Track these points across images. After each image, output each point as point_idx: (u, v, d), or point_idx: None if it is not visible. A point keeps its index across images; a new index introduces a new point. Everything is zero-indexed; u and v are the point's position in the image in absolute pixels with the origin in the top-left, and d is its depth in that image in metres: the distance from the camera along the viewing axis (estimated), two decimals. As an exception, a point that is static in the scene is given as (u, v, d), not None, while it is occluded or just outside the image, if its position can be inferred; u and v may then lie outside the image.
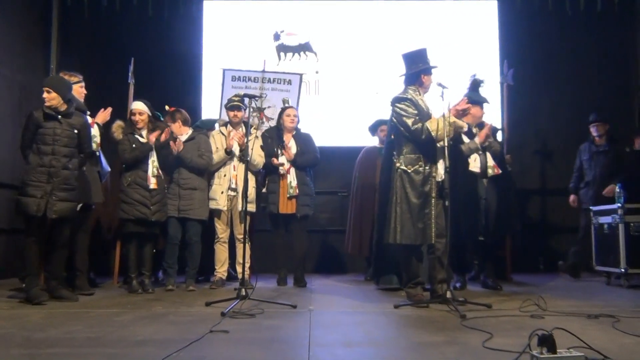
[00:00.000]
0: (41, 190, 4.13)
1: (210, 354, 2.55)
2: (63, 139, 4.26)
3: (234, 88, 6.11)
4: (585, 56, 7.53)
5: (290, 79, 6.37)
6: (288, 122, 5.58)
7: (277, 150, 5.50)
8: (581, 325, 3.20)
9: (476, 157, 5.16)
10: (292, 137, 5.61)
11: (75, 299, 4.35)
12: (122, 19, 7.35)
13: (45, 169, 4.17)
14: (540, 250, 7.21)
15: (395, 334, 3.15)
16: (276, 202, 5.43)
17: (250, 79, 6.32)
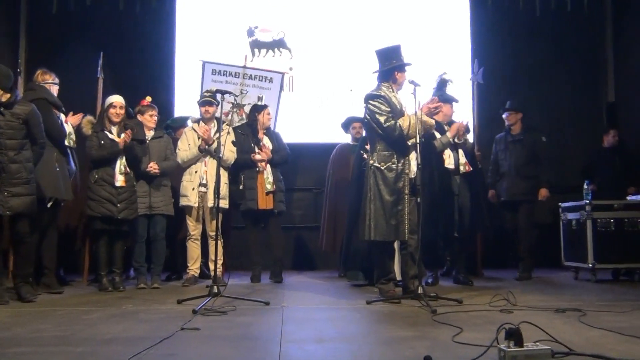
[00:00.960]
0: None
1: (181, 352, 2.53)
2: (7, 131, 4.04)
3: (214, 82, 6.07)
4: (555, 55, 7.66)
5: (271, 77, 6.38)
6: (266, 120, 5.61)
7: (254, 147, 5.48)
8: (548, 319, 3.26)
9: (450, 153, 5.22)
10: (264, 135, 5.61)
11: (31, 299, 4.14)
12: (92, 13, 7.22)
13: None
14: (510, 245, 7.30)
15: (367, 329, 3.17)
16: (255, 197, 5.40)
17: (231, 74, 6.28)
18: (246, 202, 5.42)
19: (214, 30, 7.36)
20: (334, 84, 7.28)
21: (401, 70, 4.35)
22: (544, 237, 7.10)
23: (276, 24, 7.43)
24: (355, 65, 7.17)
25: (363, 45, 7.25)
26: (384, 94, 4.27)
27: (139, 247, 5.09)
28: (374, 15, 7.46)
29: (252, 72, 6.35)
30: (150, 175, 5.07)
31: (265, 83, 6.35)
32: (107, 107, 4.92)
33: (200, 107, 5.41)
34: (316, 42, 7.40)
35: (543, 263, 7.11)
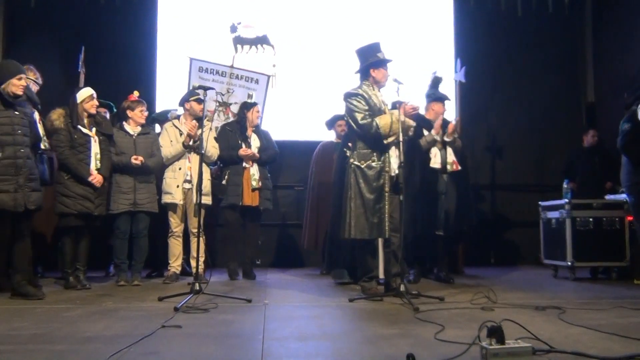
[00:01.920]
0: (13, 184, 3.98)
1: (162, 350, 2.51)
2: (22, 128, 4.10)
3: (201, 79, 6.06)
4: (536, 55, 7.74)
5: (257, 78, 6.43)
6: (255, 118, 5.58)
7: (242, 144, 5.45)
8: (529, 316, 3.29)
9: (437, 152, 5.24)
10: (253, 132, 5.58)
11: (41, 295, 4.10)
12: (72, 6, 7.11)
13: (11, 161, 3.99)
14: (491, 244, 7.39)
15: (350, 327, 3.17)
16: (240, 194, 5.36)
17: (218, 73, 6.29)
18: (228, 198, 5.38)
19: (197, 25, 7.27)
20: (317, 81, 7.26)
21: (376, 67, 4.34)
22: (524, 235, 7.21)
23: (259, 20, 7.39)
24: (339, 62, 7.16)
25: (346, 43, 7.22)
26: (362, 92, 4.29)
27: (121, 243, 5.03)
28: (357, 13, 7.46)
29: (239, 72, 6.37)
30: (135, 169, 5.00)
31: (251, 84, 6.39)
32: (85, 100, 4.76)
33: (187, 103, 5.36)
34: (299, 39, 7.37)
35: (523, 261, 7.23)
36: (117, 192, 5.00)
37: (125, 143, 5.06)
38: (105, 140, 4.88)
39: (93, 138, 4.77)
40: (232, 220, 5.51)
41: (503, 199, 7.59)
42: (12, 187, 3.98)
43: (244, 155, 5.39)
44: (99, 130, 4.83)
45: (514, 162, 7.58)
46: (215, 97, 5.70)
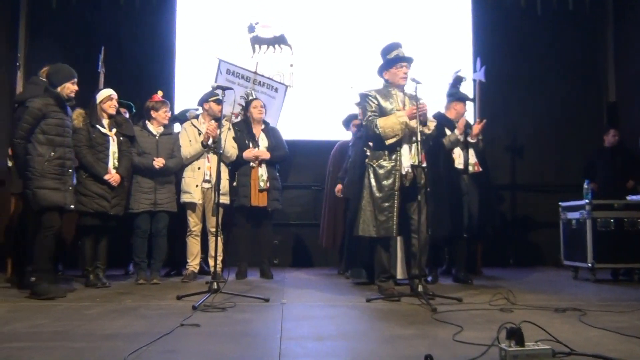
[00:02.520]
0: (63, 182, 4.12)
1: (181, 348, 2.53)
2: (70, 131, 4.30)
3: (227, 81, 6.15)
4: (556, 53, 7.65)
5: (277, 87, 6.54)
6: (256, 114, 5.54)
7: (249, 143, 5.46)
8: (549, 318, 3.25)
9: (460, 153, 5.20)
10: (262, 131, 5.58)
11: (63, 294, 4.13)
12: (93, 8, 7.21)
13: (61, 161, 4.14)
14: (510, 244, 7.32)
15: (367, 327, 3.16)
16: (248, 195, 5.37)
17: (243, 77, 6.39)
18: (239, 199, 5.39)
19: (215, 25, 7.34)
20: (335, 80, 7.26)
21: (386, 67, 4.35)
22: (544, 236, 7.14)
23: (277, 20, 7.41)
24: (357, 62, 7.17)
25: (364, 42, 7.25)
26: (373, 93, 4.30)
27: (141, 242, 5.08)
28: (375, 12, 7.44)
29: (261, 79, 6.47)
30: (155, 170, 5.05)
31: (272, 92, 6.50)
32: (104, 100, 4.84)
33: (206, 103, 5.40)
34: (317, 38, 7.38)
35: (542, 262, 7.15)
36: (138, 192, 5.05)
37: (148, 143, 5.11)
38: (126, 141, 4.93)
39: (112, 138, 4.83)
40: (242, 221, 5.52)
41: (522, 199, 7.51)
42: (61, 185, 4.12)
43: (247, 157, 5.39)
44: (120, 131, 4.88)
45: (534, 162, 7.50)
46: (239, 100, 5.75)
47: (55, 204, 4.08)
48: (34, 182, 4.05)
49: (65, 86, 4.21)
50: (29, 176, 4.07)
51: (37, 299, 3.96)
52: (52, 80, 4.22)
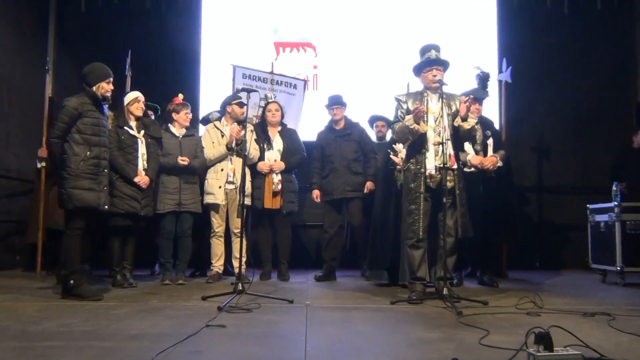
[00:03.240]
0: (98, 183, 4.14)
1: (207, 349, 2.55)
2: (106, 131, 4.31)
3: (245, 85, 6.11)
4: (583, 53, 7.53)
5: (295, 83, 6.53)
6: (270, 117, 5.56)
7: (264, 146, 5.48)
8: (577, 323, 3.20)
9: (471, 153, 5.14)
10: (277, 133, 5.58)
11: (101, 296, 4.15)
12: (119, 12, 7.33)
13: (96, 161, 4.15)
14: (536, 247, 7.23)
15: (392, 330, 3.15)
16: (261, 197, 5.39)
17: (260, 79, 6.41)
18: (253, 201, 5.41)
19: (240, 29, 7.39)
20: (358, 81, 7.26)
21: (416, 72, 4.35)
22: (571, 239, 7.03)
23: (301, 22, 7.43)
24: (380, 63, 7.17)
25: (388, 43, 7.24)
26: (404, 98, 4.33)
27: (166, 243, 5.14)
28: (399, 13, 7.41)
29: (278, 78, 6.48)
30: (181, 169, 5.11)
31: (290, 89, 6.49)
32: (131, 102, 4.93)
33: (228, 106, 5.44)
34: (340, 40, 7.39)
35: (569, 265, 7.04)
36: (163, 193, 5.11)
37: (171, 144, 5.18)
38: (154, 142, 5.00)
39: (140, 140, 4.90)
40: (260, 222, 5.55)
41: (549, 201, 7.41)
42: (96, 185, 4.13)
43: (261, 169, 5.40)
44: (147, 133, 4.95)
45: (561, 163, 7.39)
46: (259, 102, 5.77)
47: (89, 204, 4.08)
48: (68, 182, 4.04)
49: (100, 85, 4.20)
50: (64, 176, 4.05)
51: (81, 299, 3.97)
52: (88, 79, 4.21)
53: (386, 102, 6.12)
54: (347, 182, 5.50)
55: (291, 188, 5.53)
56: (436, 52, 4.29)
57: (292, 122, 6.05)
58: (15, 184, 6.54)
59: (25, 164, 6.52)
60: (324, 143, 5.66)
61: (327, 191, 5.57)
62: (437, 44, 4.38)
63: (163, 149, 5.12)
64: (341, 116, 5.69)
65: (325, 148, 5.64)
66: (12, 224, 6.46)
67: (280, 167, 5.43)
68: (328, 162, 5.60)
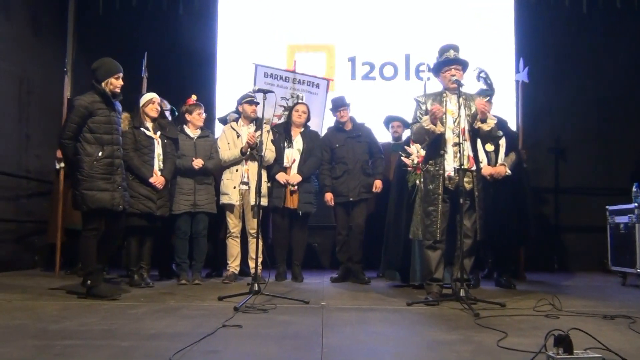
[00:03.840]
0: (112, 182, 4.09)
1: (224, 349, 2.56)
2: (119, 128, 4.24)
3: (266, 84, 6.10)
4: (602, 53, 7.43)
5: (318, 83, 6.43)
6: (296, 118, 5.53)
7: (284, 145, 5.48)
8: (597, 325, 3.16)
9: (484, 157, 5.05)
10: (299, 134, 5.56)
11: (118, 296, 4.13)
12: (137, 15, 7.41)
13: (109, 160, 4.09)
14: (554, 249, 7.15)
15: (409, 331, 3.13)
16: (281, 195, 5.38)
17: (282, 78, 6.35)
18: (272, 200, 5.40)
19: (255, 30, 7.41)
20: (374, 83, 7.25)
21: (438, 71, 4.31)
22: (590, 240, 6.95)
23: (317, 24, 7.43)
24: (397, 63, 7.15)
25: (404, 43, 7.22)
26: (423, 98, 4.32)
27: (182, 243, 5.17)
28: (416, 13, 7.38)
29: (301, 77, 6.39)
30: (195, 171, 5.13)
31: (313, 88, 6.39)
32: (146, 103, 4.96)
33: (240, 105, 5.46)
34: (357, 42, 7.38)
35: (588, 267, 6.96)
36: (179, 194, 5.14)
37: (186, 146, 5.21)
38: (170, 143, 5.03)
39: (156, 140, 4.93)
40: (277, 222, 5.52)
41: (567, 202, 7.32)
42: (110, 185, 4.07)
43: (279, 180, 5.38)
44: (164, 134, 4.98)
45: (579, 164, 7.30)
46: (280, 101, 5.75)
47: (103, 205, 4.05)
48: (82, 184, 4.00)
49: (109, 81, 4.10)
50: (78, 177, 4.03)
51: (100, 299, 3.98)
52: (97, 75, 4.10)
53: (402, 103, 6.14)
54: (362, 183, 5.47)
55: (308, 188, 5.49)
56: (455, 52, 4.26)
57: (314, 122, 5.92)
58: (35, 184, 6.62)
59: (45, 165, 6.60)
60: (334, 144, 5.59)
61: (342, 193, 5.48)
62: (456, 44, 4.35)
63: (179, 150, 5.15)
64: (348, 117, 5.64)
65: (337, 149, 5.55)
66: (32, 224, 6.54)
67: (296, 180, 5.39)
68: (340, 164, 5.52)
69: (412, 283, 4.93)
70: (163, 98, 5.23)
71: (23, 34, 6.56)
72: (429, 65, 6.71)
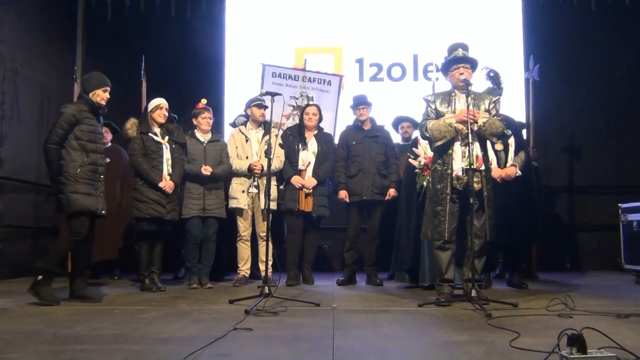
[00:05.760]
0: (95, 188, 4.18)
1: (235, 352, 2.55)
2: (101, 137, 4.36)
3: (274, 84, 6.06)
4: (612, 51, 7.39)
5: (330, 80, 6.31)
6: (307, 121, 5.47)
7: (298, 148, 5.47)
8: (611, 324, 3.13)
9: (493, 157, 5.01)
10: (313, 136, 5.52)
11: (99, 299, 4.24)
12: (145, 20, 7.45)
13: (93, 167, 4.19)
14: (567, 248, 7.10)
15: (420, 332, 3.11)
16: (296, 198, 5.35)
17: (291, 77, 6.27)
18: (287, 202, 5.37)
19: (263, 33, 7.44)
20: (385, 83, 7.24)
21: (446, 70, 4.29)
22: (603, 239, 6.89)
23: (326, 24, 7.43)
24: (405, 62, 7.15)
25: (413, 42, 7.21)
26: (432, 97, 4.30)
27: (192, 247, 5.18)
28: (424, 11, 7.38)
29: (311, 75, 6.28)
30: (204, 177, 5.14)
31: (324, 86, 6.26)
32: (153, 109, 4.98)
33: (248, 109, 5.46)
34: (365, 43, 7.38)
35: (601, 266, 6.90)
36: (188, 198, 5.16)
37: (196, 150, 5.22)
38: (178, 148, 5.05)
39: (165, 145, 4.95)
40: (291, 224, 5.46)
41: (580, 201, 7.27)
42: (94, 191, 4.18)
43: (294, 183, 5.33)
44: (172, 138, 5.00)
45: (591, 162, 7.25)
46: (289, 101, 5.70)
47: (88, 208, 4.11)
48: (67, 187, 4.07)
49: (96, 93, 4.23)
50: (63, 181, 4.09)
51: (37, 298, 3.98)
52: (85, 87, 4.27)
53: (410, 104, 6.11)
54: (375, 183, 5.43)
55: (322, 192, 5.45)
56: (463, 50, 4.23)
57: (326, 120, 5.82)
58: (48, 189, 6.67)
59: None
60: (350, 142, 5.55)
61: (355, 192, 5.44)
62: (465, 43, 4.32)
63: (188, 155, 5.16)
64: (367, 116, 5.61)
65: (353, 147, 5.51)
66: (44, 230, 6.58)
67: (312, 184, 5.36)
68: (355, 162, 5.49)
69: (422, 284, 4.91)
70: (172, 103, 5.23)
71: (36, 40, 6.62)
72: (437, 66, 6.72)
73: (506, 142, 5.04)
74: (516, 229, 5.03)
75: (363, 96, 5.67)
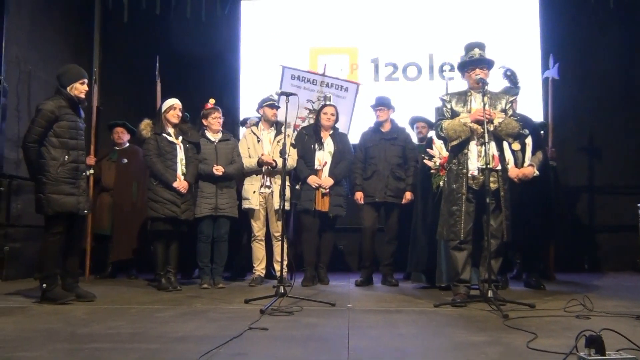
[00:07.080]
0: (77, 186, 4.11)
1: (250, 351, 2.56)
2: (82, 133, 4.24)
3: (293, 87, 6.06)
4: (631, 49, 7.28)
5: (347, 86, 6.33)
6: (324, 120, 5.46)
7: (315, 147, 5.46)
8: (630, 326, 3.08)
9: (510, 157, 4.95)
10: (329, 136, 5.52)
11: (92, 297, 4.20)
12: (161, 22, 7.49)
13: (75, 165, 4.11)
14: (585, 249, 7.01)
15: (436, 333, 3.09)
16: (312, 198, 5.34)
17: (310, 81, 6.28)
18: (303, 202, 5.36)
19: (279, 33, 7.46)
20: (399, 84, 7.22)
21: (463, 70, 4.27)
22: (621, 240, 6.79)
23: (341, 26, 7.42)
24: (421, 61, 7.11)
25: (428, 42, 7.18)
26: (447, 97, 4.28)
27: (204, 247, 5.19)
28: (440, 10, 7.35)
29: (329, 80, 6.30)
30: (216, 177, 5.17)
31: (341, 92, 6.29)
32: (167, 110, 5.00)
33: (261, 108, 5.47)
34: (380, 43, 7.37)
35: (619, 267, 6.81)
36: (201, 197, 5.18)
37: (207, 150, 5.24)
38: (192, 148, 5.07)
39: (179, 145, 4.98)
40: (308, 224, 5.43)
41: (598, 201, 7.18)
42: (75, 190, 4.09)
43: (310, 183, 5.32)
44: (185, 138, 5.02)
45: (610, 162, 7.15)
46: (306, 104, 5.73)
47: (68, 209, 4.04)
48: (47, 187, 3.98)
49: (74, 86, 4.13)
50: (43, 180, 4.00)
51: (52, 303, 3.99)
52: (61, 81, 4.14)
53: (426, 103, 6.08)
54: (389, 186, 5.41)
55: (338, 191, 5.43)
56: (480, 50, 4.20)
57: (341, 124, 5.82)
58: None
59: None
60: (368, 144, 5.54)
61: (369, 193, 5.44)
62: (482, 41, 4.29)
63: (201, 154, 5.19)
64: (385, 118, 5.57)
65: (369, 149, 5.51)
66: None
67: (329, 184, 5.35)
68: (371, 164, 5.48)
69: (439, 284, 4.88)
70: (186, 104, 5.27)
71: (54, 42, 6.69)
72: (452, 65, 6.68)
73: (523, 142, 4.99)
74: (532, 229, 4.99)
75: (383, 98, 5.66)
